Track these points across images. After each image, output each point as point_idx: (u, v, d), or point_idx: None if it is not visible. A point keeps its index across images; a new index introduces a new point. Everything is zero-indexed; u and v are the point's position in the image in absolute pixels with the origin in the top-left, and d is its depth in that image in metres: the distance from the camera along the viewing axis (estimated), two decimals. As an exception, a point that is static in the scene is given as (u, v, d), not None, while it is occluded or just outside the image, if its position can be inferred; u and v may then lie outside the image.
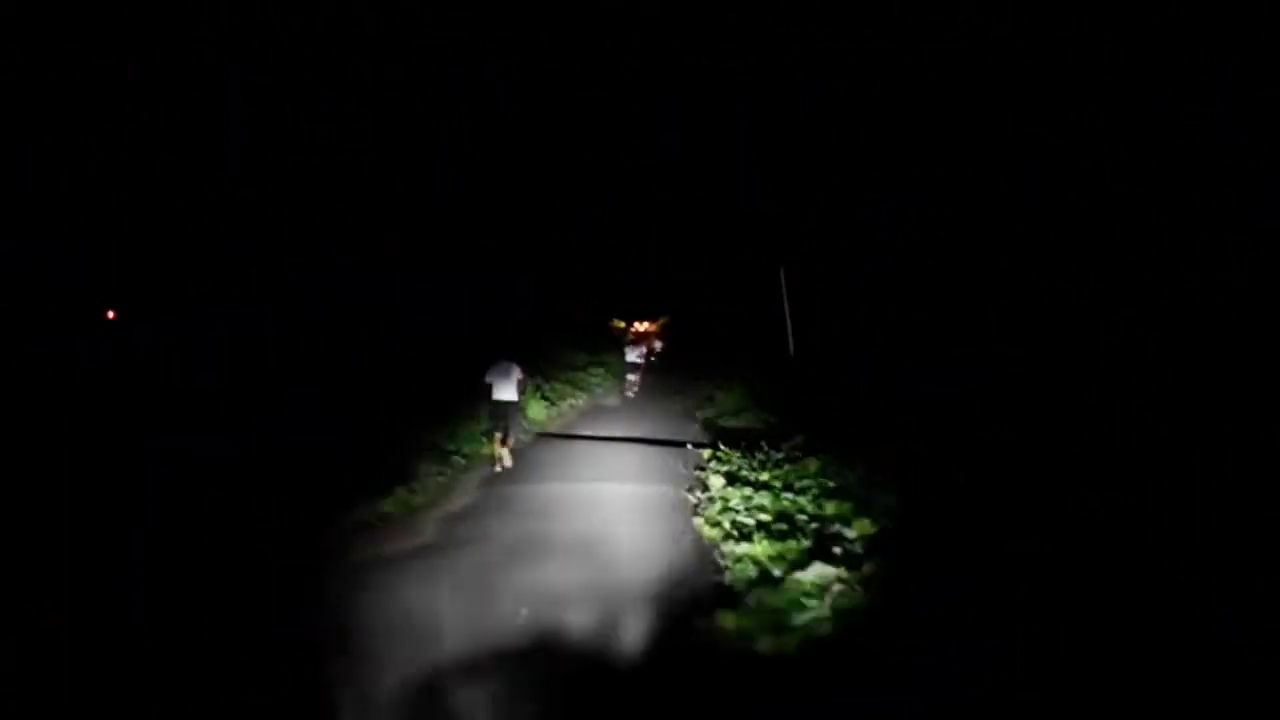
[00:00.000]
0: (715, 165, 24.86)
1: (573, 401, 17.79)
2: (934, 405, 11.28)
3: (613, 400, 19.60)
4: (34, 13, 13.99)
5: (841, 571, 6.27)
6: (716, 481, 9.38)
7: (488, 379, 10.83)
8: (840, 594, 5.94)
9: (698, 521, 8.43)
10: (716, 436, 12.83)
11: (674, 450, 12.68)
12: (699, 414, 16.51)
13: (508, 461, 10.97)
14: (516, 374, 10.89)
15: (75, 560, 6.94)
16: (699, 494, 9.46)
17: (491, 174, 21.96)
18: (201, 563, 6.96)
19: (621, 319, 37.49)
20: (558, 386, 17.45)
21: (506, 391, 10.78)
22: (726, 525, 7.92)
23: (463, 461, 11.14)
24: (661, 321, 38.69)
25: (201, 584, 6.56)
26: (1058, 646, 4.73)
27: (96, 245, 16.03)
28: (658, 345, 33.01)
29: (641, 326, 38.23)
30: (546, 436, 13.71)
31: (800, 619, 5.68)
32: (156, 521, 7.84)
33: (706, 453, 11.31)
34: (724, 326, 28.12)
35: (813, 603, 5.86)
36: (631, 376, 21.86)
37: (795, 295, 19.23)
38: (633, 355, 21.87)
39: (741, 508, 8.36)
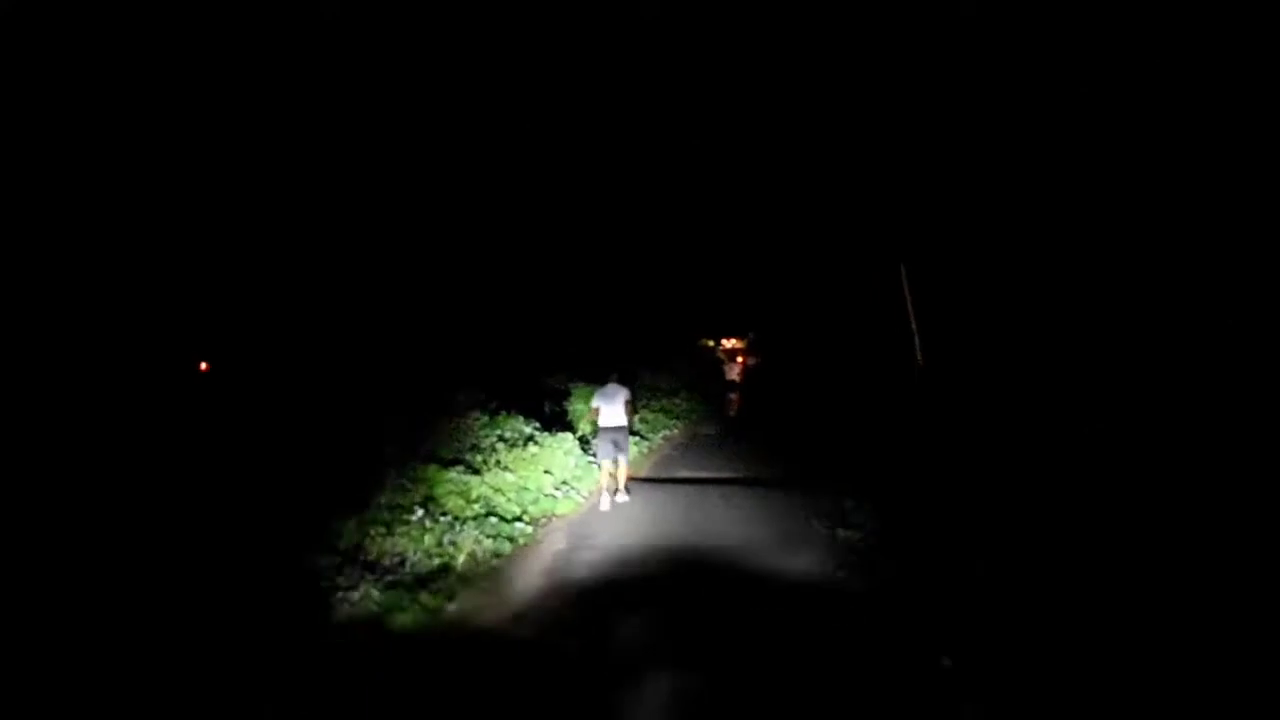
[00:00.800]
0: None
1: (667, 433, 14.62)
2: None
3: (711, 428, 16.30)
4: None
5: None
6: (890, 565, 5.89)
7: (594, 403, 9.29)
8: None
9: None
10: (857, 476, 9.40)
11: (798, 493, 9.36)
12: (820, 441, 13.10)
13: (605, 505, 8.91)
14: (624, 396, 9.23)
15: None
16: (856, 574, 6.09)
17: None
18: None
19: (709, 338, 34.68)
20: (649, 416, 14.27)
21: (615, 416, 9.11)
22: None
23: (528, 529, 8.01)
24: (749, 337, 35.63)
25: None
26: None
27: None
28: (751, 361, 29.92)
29: (729, 344, 35.47)
30: (639, 481, 10.45)
31: None
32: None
33: (851, 503, 7.92)
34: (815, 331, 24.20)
35: None
36: (731, 395, 19.07)
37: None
38: (729, 374, 19.32)
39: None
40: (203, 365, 18.70)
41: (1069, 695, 4.12)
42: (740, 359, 28.35)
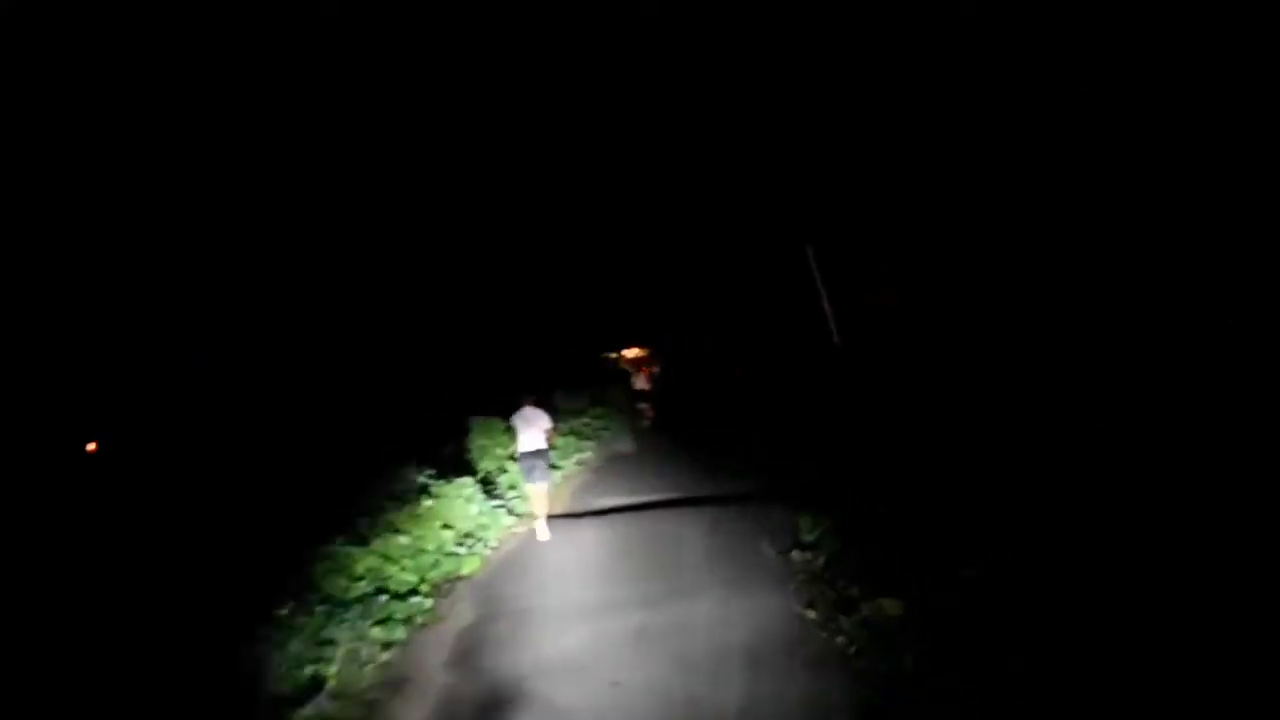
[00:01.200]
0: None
1: (580, 457, 13.32)
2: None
3: (627, 445, 15.06)
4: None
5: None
6: (892, 606, 4.62)
7: (512, 422, 8.85)
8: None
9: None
10: (795, 481, 8.34)
11: (735, 510, 8.23)
12: (744, 444, 12.04)
13: (542, 534, 8.43)
14: (544, 421, 8.71)
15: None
16: (834, 615, 4.94)
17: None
18: None
19: (612, 351, 33.71)
20: (558, 442, 12.87)
21: (534, 440, 8.57)
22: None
23: (426, 603, 6.53)
24: (652, 346, 34.84)
25: None
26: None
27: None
28: (656, 368, 29.04)
29: (631, 354, 34.62)
30: (557, 519, 9.04)
31: None
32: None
33: (806, 519, 6.79)
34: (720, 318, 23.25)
35: None
36: (642, 404, 18.01)
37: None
38: (638, 382, 18.26)
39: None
40: (91, 446, 16.50)
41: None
42: (645, 368, 27.41)
